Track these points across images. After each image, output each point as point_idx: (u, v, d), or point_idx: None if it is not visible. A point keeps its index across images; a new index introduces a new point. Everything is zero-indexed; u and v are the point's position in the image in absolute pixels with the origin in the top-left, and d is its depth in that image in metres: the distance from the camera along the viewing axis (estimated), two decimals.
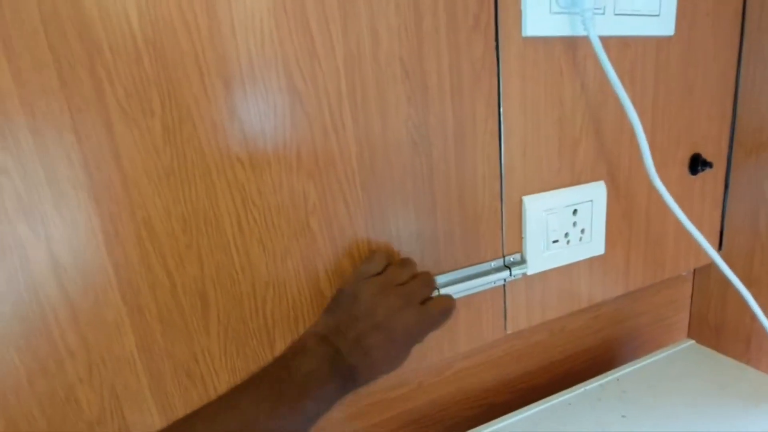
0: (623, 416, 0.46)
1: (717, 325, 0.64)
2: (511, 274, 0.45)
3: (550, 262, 0.48)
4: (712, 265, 0.58)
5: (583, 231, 0.48)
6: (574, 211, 0.47)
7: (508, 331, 0.49)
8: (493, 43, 0.41)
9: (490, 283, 0.45)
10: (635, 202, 0.53)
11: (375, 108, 0.37)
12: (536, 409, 0.49)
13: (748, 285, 0.58)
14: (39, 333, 0.31)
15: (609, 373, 0.53)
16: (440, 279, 0.43)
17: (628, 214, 0.53)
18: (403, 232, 0.41)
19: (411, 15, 0.37)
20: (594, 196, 0.48)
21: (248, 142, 0.34)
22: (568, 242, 0.48)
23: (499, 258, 0.46)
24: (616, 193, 0.51)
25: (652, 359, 0.55)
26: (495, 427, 0.47)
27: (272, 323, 0.38)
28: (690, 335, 0.70)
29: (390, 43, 0.37)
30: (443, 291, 0.43)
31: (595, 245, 0.50)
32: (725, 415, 0.45)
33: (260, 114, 0.34)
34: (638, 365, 0.54)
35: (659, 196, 0.47)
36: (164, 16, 0.30)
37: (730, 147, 0.58)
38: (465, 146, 0.42)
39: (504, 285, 0.47)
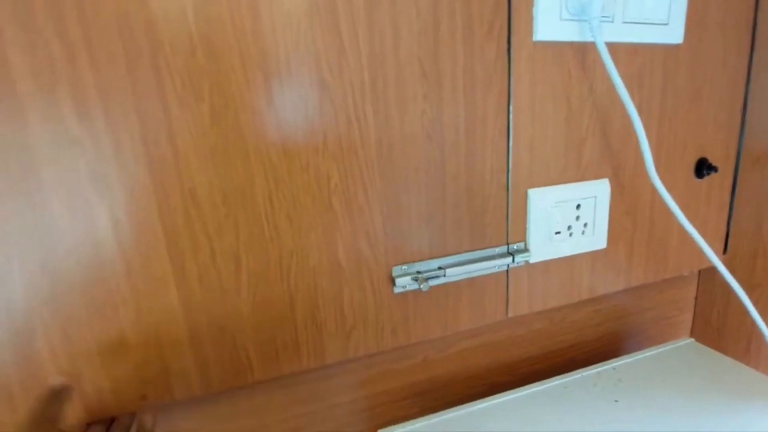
0: (616, 401, 0.49)
1: (719, 326, 0.66)
2: (513, 261, 0.49)
3: (552, 253, 0.51)
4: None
5: (585, 225, 0.52)
6: (578, 206, 0.51)
7: (510, 315, 0.53)
8: (505, 47, 0.44)
9: (494, 267, 0.49)
10: (639, 201, 0.56)
11: (394, 102, 0.42)
12: (532, 390, 0.52)
13: (751, 288, 0.60)
14: (99, 282, 0.37)
15: (607, 362, 0.56)
16: (446, 260, 0.48)
17: (632, 212, 0.55)
18: (414, 216, 0.45)
19: (430, 20, 0.41)
20: (598, 192, 0.51)
21: (281, 127, 0.39)
22: (570, 234, 0.51)
23: (503, 245, 0.50)
24: (621, 191, 0.54)
25: (651, 353, 0.57)
26: (490, 403, 0.50)
27: (295, 288, 0.43)
28: (693, 335, 0.71)
29: (410, 45, 0.41)
30: (449, 272, 0.47)
31: (597, 239, 0.53)
32: (716, 409, 0.47)
33: (293, 103, 0.39)
34: (636, 357, 0.56)
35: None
36: (216, 14, 0.35)
37: (738, 153, 0.59)
38: (475, 141, 0.46)
39: (507, 270, 0.51)
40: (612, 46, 0.47)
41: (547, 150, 0.49)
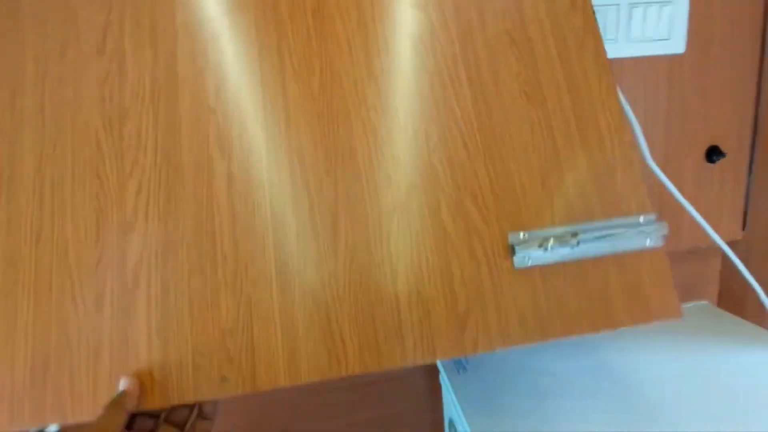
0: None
1: (741, 297, 0.68)
2: (654, 229, 0.39)
3: None
4: (738, 241, 0.68)
5: None
6: None
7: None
8: (593, 16, 0.45)
9: (641, 239, 0.39)
10: (648, 180, 0.51)
11: (486, 68, 0.43)
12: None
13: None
14: (207, 235, 0.37)
15: None
16: (576, 227, 0.39)
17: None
18: (525, 176, 0.40)
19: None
20: None
21: (380, 91, 0.41)
22: None
23: (649, 213, 0.40)
24: None
25: None
26: None
27: (396, 254, 0.38)
28: (719, 305, 0.70)
29: (495, 22, 0.44)
30: (583, 239, 0.38)
31: None
32: (721, 354, 0.50)
33: (389, 72, 0.42)
34: None
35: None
36: (329, 9, 0.43)
37: (753, 142, 0.65)
38: (582, 100, 0.43)
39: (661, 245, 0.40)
40: (618, 60, 0.57)
41: None
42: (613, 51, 0.55)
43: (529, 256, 0.38)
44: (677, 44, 0.58)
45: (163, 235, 0.37)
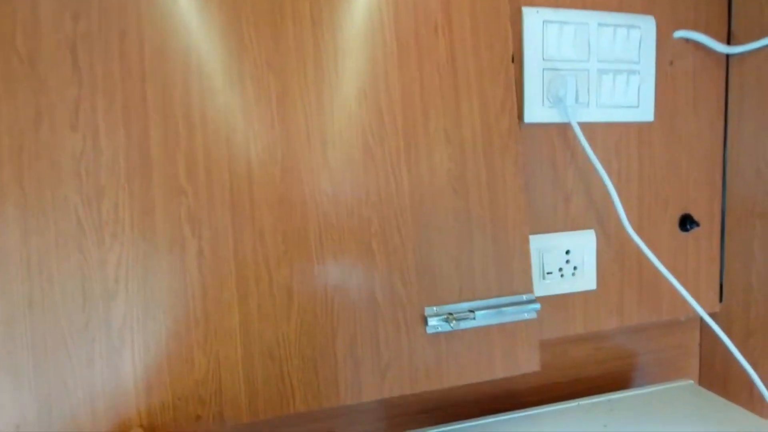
0: (604, 426, 0.49)
1: (723, 372, 0.67)
2: (534, 305, 0.53)
3: (544, 290, 0.58)
4: (717, 313, 0.65)
5: (575, 268, 0.59)
6: (567, 251, 0.58)
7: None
8: (516, 121, 0.54)
9: (522, 314, 0.52)
10: (625, 250, 0.62)
11: (424, 162, 0.51)
12: (530, 413, 0.54)
13: (747, 336, 0.63)
14: (181, 303, 0.45)
15: (603, 395, 0.57)
16: (474, 304, 0.51)
17: (619, 259, 0.62)
18: (444, 259, 0.51)
19: (452, 100, 0.52)
20: (585, 241, 0.59)
21: (333, 181, 0.49)
22: (561, 276, 0.58)
23: (530, 293, 0.53)
24: (607, 240, 0.61)
25: (648, 390, 0.58)
26: (488, 421, 0.53)
27: (336, 321, 0.48)
28: (700, 380, 0.71)
29: (437, 120, 0.52)
30: (479, 314, 0.50)
31: (587, 281, 0.60)
32: None
33: (343, 164, 0.49)
34: (633, 393, 0.57)
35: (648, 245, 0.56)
36: (291, 100, 0.48)
37: (723, 210, 0.66)
38: (497, 196, 0.53)
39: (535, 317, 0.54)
40: (590, 124, 0.59)
41: (538, 204, 0.58)
42: (584, 115, 0.57)
43: (438, 325, 0.50)
44: (646, 112, 0.60)
45: (143, 302, 0.44)
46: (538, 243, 0.58)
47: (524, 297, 0.53)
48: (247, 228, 0.47)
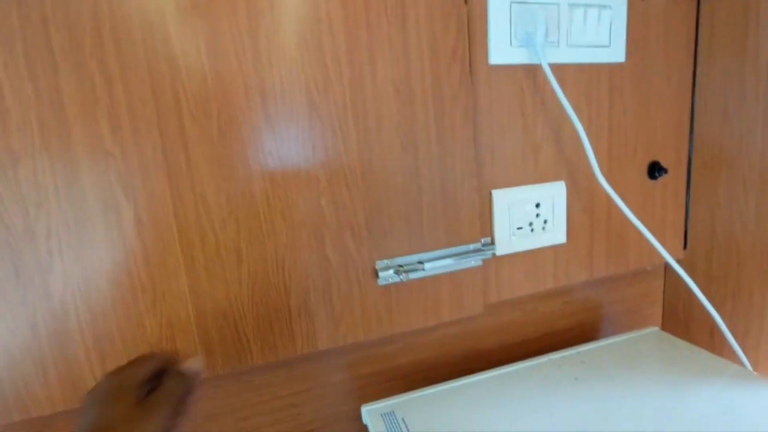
0: (576, 378, 0.53)
1: (686, 317, 0.71)
2: (483, 254, 0.55)
3: (516, 246, 0.57)
4: (681, 261, 0.67)
5: (545, 222, 0.58)
6: (537, 205, 0.57)
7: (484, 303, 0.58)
8: (468, 69, 0.52)
9: (469, 261, 0.55)
10: (595, 201, 0.62)
11: (372, 116, 0.49)
12: (501, 371, 0.56)
13: (710, 282, 0.65)
14: (124, 272, 0.44)
15: (572, 347, 0.60)
16: (425, 255, 0.54)
17: (588, 210, 0.62)
18: (393, 215, 0.52)
19: (401, 48, 0.49)
20: (554, 193, 0.58)
21: (276, 138, 0.46)
22: (532, 230, 0.57)
23: (477, 242, 0.56)
24: (576, 191, 0.60)
25: (615, 339, 0.61)
26: (461, 383, 0.55)
27: (289, 279, 0.49)
28: (663, 327, 0.75)
29: (384, 70, 0.49)
30: (428, 265, 0.53)
31: (557, 235, 0.59)
32: (672, 386, 0.50)
33: (286, 119, 0.46)
34: (601, 344, 0.61)
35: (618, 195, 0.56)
36: (223, 49, 0.43)
37: (690, 157, 0.66)
38: (445, 147, 0.53)
39: (482, 266, 0.57)
40: (560, 67, 0.55)
41: (506, 155, 0.56)
42: (554, 56, 0.53)
43: (389, 278, 0.52)
44: (617, 52, 0.57)
45: (82, 274, 0.43)
46: (507, 197, 0.56)
47: (471, 246, 0.55)
48: (187, 190, 0.45)
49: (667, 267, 0.73)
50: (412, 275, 0.53)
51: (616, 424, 0.45)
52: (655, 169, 0.63)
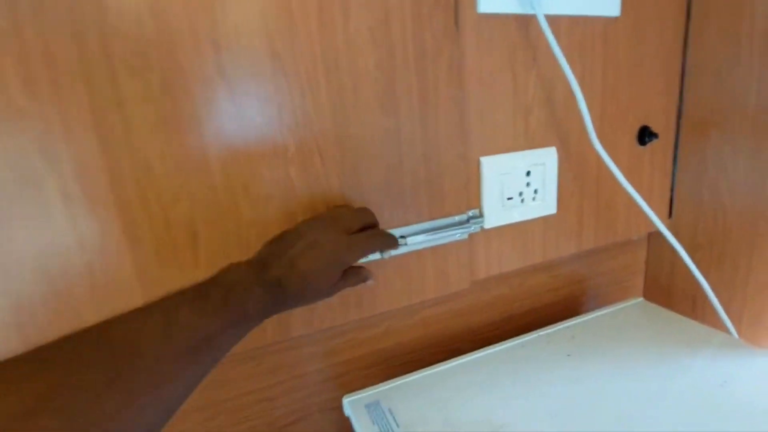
0: (568, 355, 0.51)
1: (668, 287, 0.70)
2: (469, 227, 0.51)
3: (505, 218, 0.53)
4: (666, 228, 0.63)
5: (536, 191, 0.54)
6: (527, 173, 0.53)
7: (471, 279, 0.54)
8: (453, 18, 0.46)
9: (455, 235, 0.50)
10: (586, 168, 0.58)
11: (346, 71, 0.43)
12: (490, 351, 0.53)
13: (694, 250, 0.63)
14: (54, 258, 0.36)
15: (561, 323, 0.58)
16: (407, 229, 0.49)
17: (579, 178, 0.58)
18: (372, 184, 0.46)
19: None
20: (546, 160, 0.54)
21: (234, 95, 0.39)
22: (522, 200, 0.53)
23: (463, 213, 0.51)
24: (568, 158, 0.56)
25: (602, 312, 0.60)
26: (450, 365, 0.51)
27: None
28: (645, 297, 0.74)
29: (359, 16, 0.42)
30: (410, 240, 0.48)
31: (547, 205, 0.55)
32: (663, 358, 0.49)
33: (245, 74, 0.39)
34: (588, 317, 0.59)
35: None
36: None
37: (678, 122, 0.63)
38: (428, 109, 0.47)
39: (468, 239, 0.52)
40: (553, 18, 0.50)
41: (495, 119, 0.51)
42: (548, 6, 0.49)
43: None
44: (612, 4, 0.53)
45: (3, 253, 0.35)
46: (496, 165, 0.51)
47: (456, 218, 0.51)
48: (125, 158, 0.37)
49: (650, 237, 0.72)
50: (394, 251, 0.48)
51: (617, 403, 0.43)
52: (645, 134, 0.59)
